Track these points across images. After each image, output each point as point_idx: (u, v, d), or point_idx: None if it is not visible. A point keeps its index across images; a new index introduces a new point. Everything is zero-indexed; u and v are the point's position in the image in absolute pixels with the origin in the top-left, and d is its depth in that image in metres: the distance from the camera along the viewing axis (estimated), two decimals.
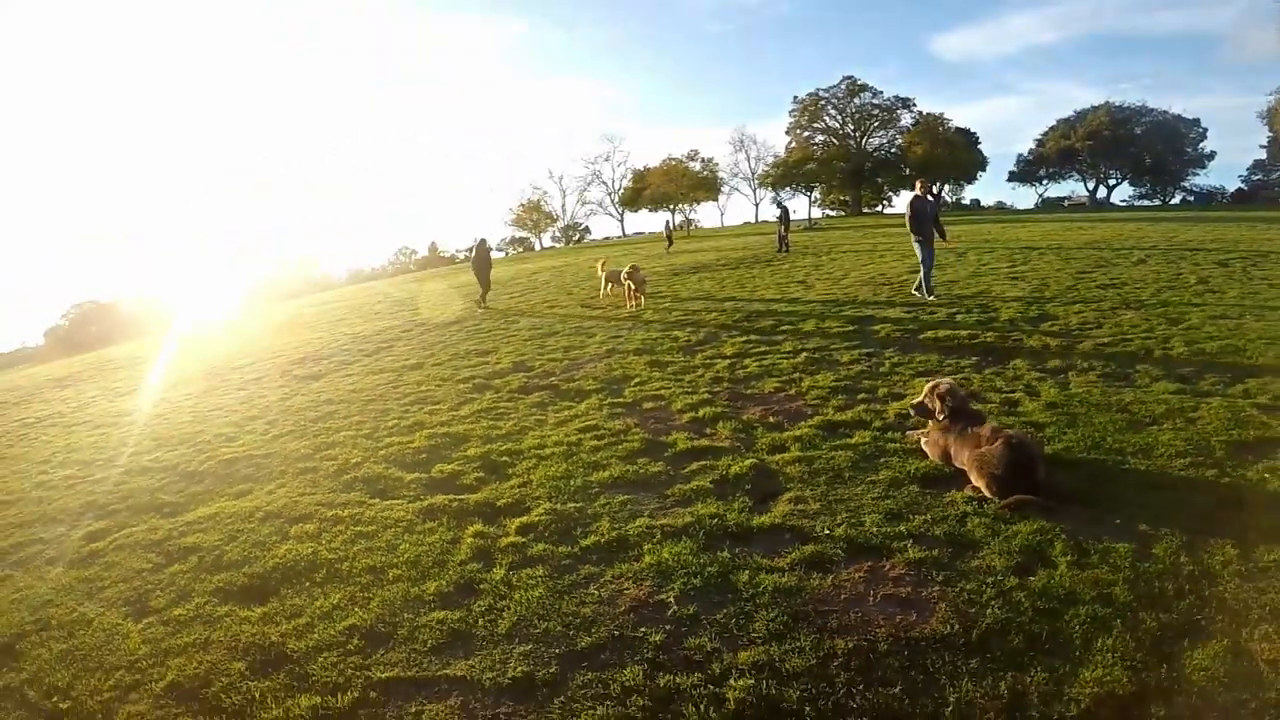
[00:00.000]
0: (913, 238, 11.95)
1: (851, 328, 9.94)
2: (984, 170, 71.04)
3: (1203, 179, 68.05)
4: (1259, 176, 65.41)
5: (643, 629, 3.34)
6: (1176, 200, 66.79)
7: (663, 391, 7.35)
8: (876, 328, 9.77)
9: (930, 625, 3.26)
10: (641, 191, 73.05)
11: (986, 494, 4.43)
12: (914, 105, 69.20)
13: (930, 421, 5.14)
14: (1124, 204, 67.07)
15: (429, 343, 12.32)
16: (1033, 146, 71.60)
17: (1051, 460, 4.89)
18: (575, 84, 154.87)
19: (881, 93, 69.51)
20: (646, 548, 4.05)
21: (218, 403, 9.91)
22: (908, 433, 5.57)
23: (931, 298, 11.60)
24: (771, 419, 6.21)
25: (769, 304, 12.67)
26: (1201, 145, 65.71)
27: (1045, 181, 72.93)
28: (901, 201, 49.25)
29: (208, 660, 3.54)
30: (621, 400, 7.22)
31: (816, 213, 64.73)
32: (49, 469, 7.90)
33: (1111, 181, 69.76)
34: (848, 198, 72.39)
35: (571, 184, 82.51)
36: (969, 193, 77.08)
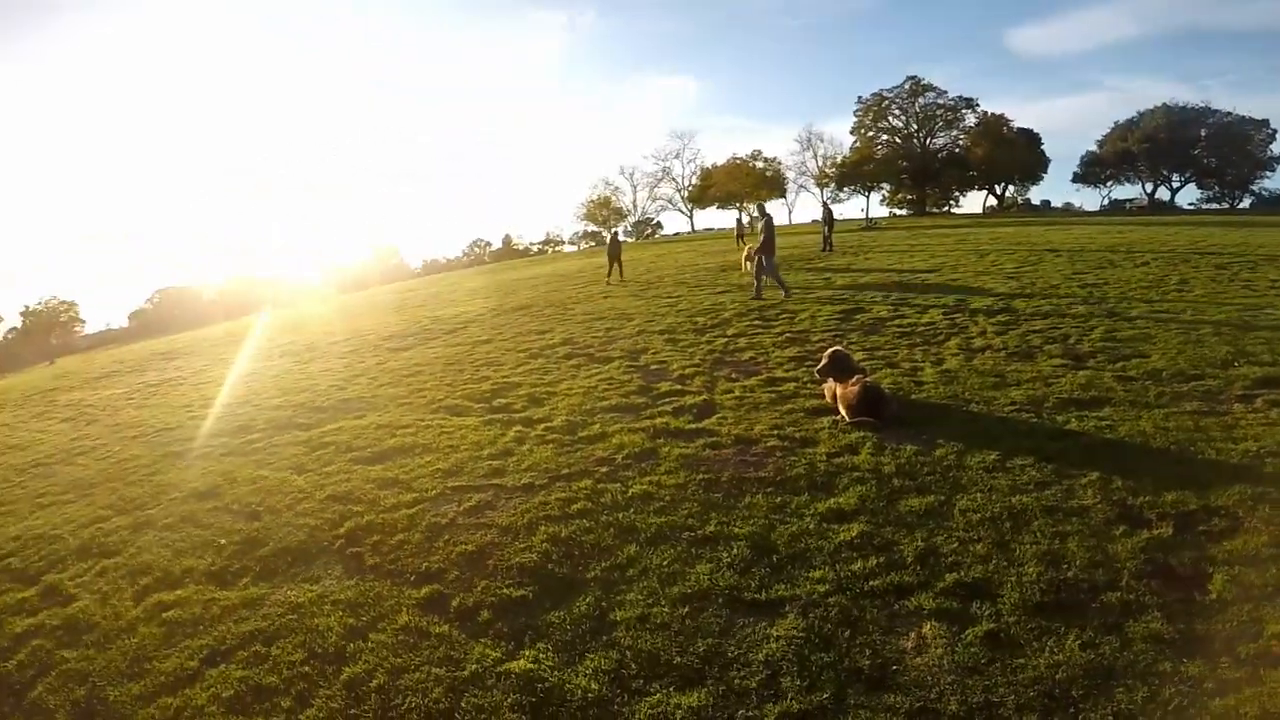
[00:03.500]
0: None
1: (838, 318, 11.66)
2: (1045, 171, 69.04)
3: (1272, 182, 65.03)
4: None
5: (598, 469, 5.66)
6: (1246, 204, 64.05)
7: (667, 358, 9.60)
8: (859, 317, 11.51)
9: (757, 474, 5.37)
10: (708, 189, 74.34)
11: (846, 418, 6.40)
12: (978, 105, 68.38)
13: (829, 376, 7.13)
14: (1191, 207, 64.39)
15: (499, 324, 14.92)
16: (1093, 149, 69.57)
17: (913, 403, 6.77)
18: (646, 79, 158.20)
19: (945, 93, 68.89)
20: (615, 437, 6.35)
21: (324, 367, 12.59)
22: (821, 384, 7.58)
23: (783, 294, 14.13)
24: (734, 375, 8.36)
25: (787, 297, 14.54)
26: (1271, 147, 62.86)
27: (1109, 183, 70.74)
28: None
29: (349, 485, 6.03)
30: (636, 364, 9.49)
31: (881, 212, 64.70)
32: (193, 409, 10.61)
33: (1175, 184, 67.25)
34: (914, 197, 71.91)
35: (642, 180, 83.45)
36: (1037, 194, 74.61)
